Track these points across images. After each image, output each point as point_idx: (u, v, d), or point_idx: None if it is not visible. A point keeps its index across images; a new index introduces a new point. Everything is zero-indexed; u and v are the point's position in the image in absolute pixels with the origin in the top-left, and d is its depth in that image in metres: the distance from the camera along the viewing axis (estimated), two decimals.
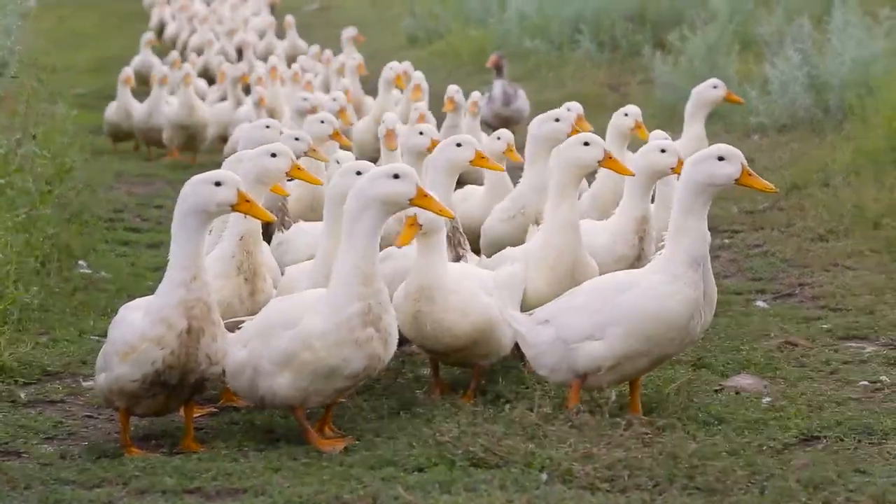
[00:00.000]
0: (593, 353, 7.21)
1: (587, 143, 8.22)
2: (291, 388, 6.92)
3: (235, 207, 6.94)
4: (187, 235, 6.86)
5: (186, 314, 6.81)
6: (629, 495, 6.30)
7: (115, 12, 38.61)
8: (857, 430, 7.34)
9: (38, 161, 10.91)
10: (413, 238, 7.52)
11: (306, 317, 6.87)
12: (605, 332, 7.17)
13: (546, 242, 8.16)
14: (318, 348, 6.82)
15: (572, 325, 7.27)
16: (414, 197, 6.93)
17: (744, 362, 8.62)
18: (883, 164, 13.79)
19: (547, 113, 9.43)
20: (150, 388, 6.87)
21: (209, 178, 6.90)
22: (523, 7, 26.89)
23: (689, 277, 7.08)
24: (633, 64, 23.10)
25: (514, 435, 6.88)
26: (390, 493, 6.26)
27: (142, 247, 12.89)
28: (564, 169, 8.20)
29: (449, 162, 8.26)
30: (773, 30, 20.13)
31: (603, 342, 7.18)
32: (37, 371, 8.49)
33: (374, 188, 6.89)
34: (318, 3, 39.76)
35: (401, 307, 7.60)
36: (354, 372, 6.89)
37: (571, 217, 8.15)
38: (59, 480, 6.58)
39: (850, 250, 11.82)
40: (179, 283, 6.82)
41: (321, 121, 10.38)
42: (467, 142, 8.28)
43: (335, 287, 6.89)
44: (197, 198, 6.86)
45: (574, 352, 7.25)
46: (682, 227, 7.11)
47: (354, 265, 6.84)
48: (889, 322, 9.55)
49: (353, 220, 6.89)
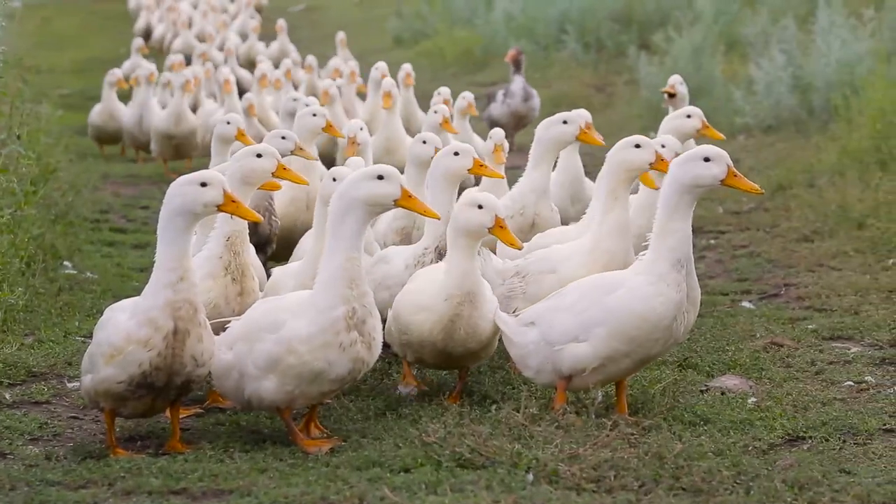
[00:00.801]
0: (578, 355, 7.21)
1: (638, 146, 8.13)
2: (277, 392, 6.91)
3: (221, 208, 6.93)
4: (173, 236, 6.84)
5: (173, 315, 6.80)
6: (615, 496, 6.31)
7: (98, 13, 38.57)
8: (842, 430, 7.36)
9: (23, 161, 10.88)
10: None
11: (290, 320, 6.86)
12: (590, 333, 7.18)
13: (596, 245, 8.06)
14: (303, 352, 6.81)
15: (557, 327, 7.27)
16: (399, 198, 6.94)
17: (729, 363, 8.63)
18: (867, 164, 13.84)
19: (555, 115, 9.41)
20: (137, 389, 6.86)
21: (195, 179, 6.89)
22: (509, 8, 26.92)
23: (673, 278, 7.09)
24: (619, 64, 23.14)
25: (501, 435, 6.88)
26: (376, 494, 6.26)
27: (127, 247, 12.87)
28: (615, 172, 8.12)
29: (447, 171, 8.23)
30: (759, 30, 20.19)
31: (587, 344, 7.18)
32: (22, 372, 8.47)
33: (359, 189, 6.89)
34: (304, 4, 39.74)
35: (434, 308, 7.54)
36: (339, 376, 6.87)
37: (623, 220, 8.06)
38: (44, 481, 6.57)
39: (834, 251, 11.86)
40: (166, 285, 6.81)
41: (313, 114, 10.30)
42: (465, 150, 8.25)
43: (319, 289, 6.88)
44: (183, 199, 6.84)
45: (559, 353, 7.26)
46: (666, 227, 7.11)
47: (339, 267, 6.83)
48: (874, 322, 9.57)
49: (338, 222, 6.88)
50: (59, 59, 28.22)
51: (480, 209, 7.43)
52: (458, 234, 7.51)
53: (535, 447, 6.74)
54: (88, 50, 31.22)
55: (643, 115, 18.39)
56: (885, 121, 14.12)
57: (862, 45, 17.43)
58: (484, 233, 7.48)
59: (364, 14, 36.10)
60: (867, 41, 17.54)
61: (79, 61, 28.97)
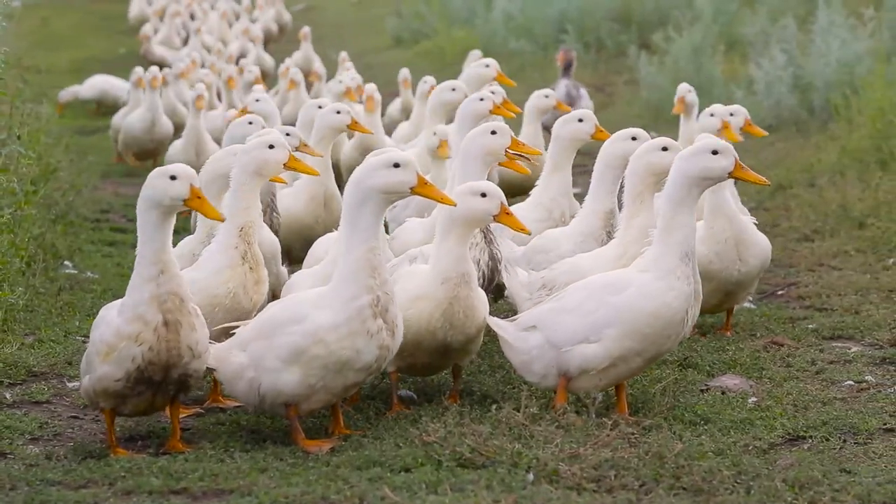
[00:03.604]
0: (588, 356, 7.20)
1: (665, 149, 7.98)
2: (299, 385, 6.89)
3: (186, 202, 6.90)
4: (151, 230, 6.84)
5: (160, 308, 6.80)
6: (615, 495, 6.31)
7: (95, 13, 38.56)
8: (842, 429, 7.36)
9: (24, 161, 10.88)
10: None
11: (313, 312, 6.85)
12: (601, 334, 7.16)
13: (624, 251, 7.99)
14: (331, 341, 6.80)
15: (564, 329, 7.25)
16: (415, 185, 6.94)
17: (730, 362, 8.63)
18: (867, 163, 13.85)
19: (570, 113, 9.40)
20: (135, 386, 6.86)
21: (165, 172, 6.89)
22: (508, 8, 26.92)
23: (682, 272, 7.10)
24: (619, 64, 23.15)
25: (501, 435, 6.88)
26: (377, 494, 6.26)
27: (127, 247, 12.85)
28: (640, 176, 8.02)
29: (483, 150, 8.12)
30: (758, 30, 20.20)
31: (598, 344, 7.17)
32: (22, 372, 8.47)
33: (374, 178, 6.89)
34: (304, 4, 39.73)
35: (432, 295, 7.44)
36: (366, 364, 6.88)
37: (650, 225, 7.94)
38: (44, 481, 6.57)
39: (835, 250, 11.86)
40: (148, 279, 6.81)
41: (337, 111, 10.29)
42: (502, 129, 8.16)
43: (342, 280, 6.87)
44: (153, 191, 6.85)
45: (566, 355, 7.24)
46: (672, 221, 7.11)
47: (361, 257, 6.84)
48: (874, 322, 9.57)
49: (354, 213, 6.89)
50: (57, 59, 28.19)
51: (484, 197, 7.38)
52: (457, 223, 7.41)
53: (536, 447, 6.74)
54: (86, 50, 31.22)
55: (643, 115, 18.40)
56: (885, 120, 14.13)
57: (862, 45, 17.44)
58: (489, 220, 7.46)
59: (363, 14, 36.10)
60: (867, 41, 17.55)
61: (77, 61, 28.96)
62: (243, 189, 7.89)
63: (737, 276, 9.11)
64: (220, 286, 7.69)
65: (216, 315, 7.60)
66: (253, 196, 7.91)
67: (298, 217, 10.15)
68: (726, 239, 9.10)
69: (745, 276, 9.15)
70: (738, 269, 9.08)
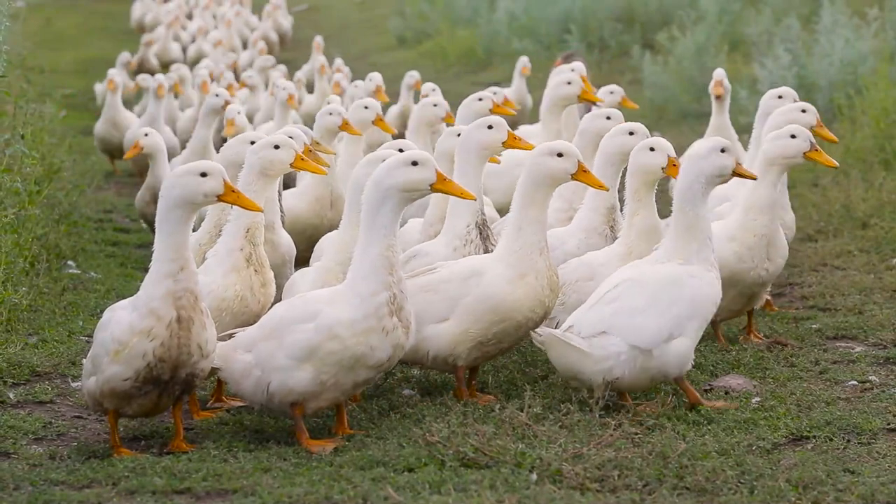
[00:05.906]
0: (681, 350, 7.35)
1: (652, 149, 8.15)
2: (311, 382, 6.90)
3: (221, 198, 6.93)
4: (173, 227, 6.85)
5: (174, 304, 6.81)
6: (619, 495, 6.31)
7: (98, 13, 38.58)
8: (846, 429, 7.36)
9: (27, 161, 10.90)
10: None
11: (326, 309, 6.87)
12: (685, 328, 7.34)
13: (629, 250, 8.10)
14: (346, 337, 6.83)
15: (646, 330, 7.30)
16: (434, 182, 6.96)
17: (733, 362, 8.62)
18: (871, 163, 13.84)
19: (600, 110, 9.41)
20: (143, 385, 6.85)
21: (194, 169, 6.90)
22: (512, 8, 26.92)
23: (713, 262, 7.53)
24: (622, 64, 23.14)
25: (505, 435, 6.88)
26: (380, 494, 6.26)
27: (131, 247, 12.88)
28: (635, 176, 8.19)
29: (480, 145, 8.15)
30: (762, 30, 20.19)
31: (684, 337, 7.36)
32: (26, 372, 8.48)
33: (394, 177, 6.91)
34: (307, 4, 39.75)
35: (535, 269, 7.52)
36: (378, 361, 6.90)
37: (650, 222, 8.11)
38: (48, 481, 6.57)
39: (838, 250, 11.85)
40: (166, 275, 6.81)
41: (365, 107, 10.34)
42: (498, 123, 8.21)
43: (361, 277, 6.89)
44: (183, 189, 6.85)
45: (662, 353, 7.31)
46: (692, 218, 7.43)
47: (380, 254, 6.86)
48: (878, 322, 9.56)
49: (374, 212, 6.91)
50: (60, 59, 28.21)
51: (561, 157, 7.54)
52: (539, 185, 7.57)
53: (539, 447, 6.74)
54: (90, 50, 31.23)
55: (647, 115, 18.37)
56: (889, 120, 14.12)
57: (865, 45, 17.43)
58: (566, 179, 7.61)
59: (366, 14, 36.11)
60: (871, 40, 17.53)
61: (81, 61, 28.98)
62: (250, 189, 7.90)
63: (765, 276, 8.96)
64: (227, 289, 7.70)
65: (224, 319, 7.61)
66: (260, 197, 7.92)
67: (304, 217, 10.18)
68: (763, 235, 8.88)
69: (770, 277, 9.02)
70: (766, 269, 8.95)
